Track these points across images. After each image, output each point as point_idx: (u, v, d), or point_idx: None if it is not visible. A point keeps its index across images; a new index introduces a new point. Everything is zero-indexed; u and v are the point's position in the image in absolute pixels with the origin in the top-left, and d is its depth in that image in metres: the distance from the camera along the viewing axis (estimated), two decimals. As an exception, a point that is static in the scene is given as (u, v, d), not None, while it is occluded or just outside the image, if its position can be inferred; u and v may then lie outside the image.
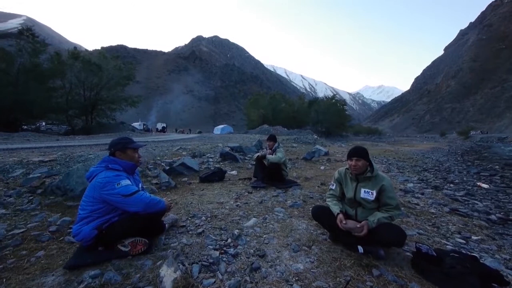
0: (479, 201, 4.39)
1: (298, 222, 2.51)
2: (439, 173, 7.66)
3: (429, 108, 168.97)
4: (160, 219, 2.04)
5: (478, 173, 7.81)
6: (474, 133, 63.92)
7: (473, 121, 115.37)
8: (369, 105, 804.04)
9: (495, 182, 6.45)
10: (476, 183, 6.01)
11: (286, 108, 42.62)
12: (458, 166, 9.62)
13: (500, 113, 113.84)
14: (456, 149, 23.02)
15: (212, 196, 3.42)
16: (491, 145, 32.15)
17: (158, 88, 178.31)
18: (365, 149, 2.04)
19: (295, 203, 3.11)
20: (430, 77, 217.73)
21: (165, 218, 2.21)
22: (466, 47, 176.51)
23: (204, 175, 4.45)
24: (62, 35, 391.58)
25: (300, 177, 5.12)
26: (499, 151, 20.40)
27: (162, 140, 13.73)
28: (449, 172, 8.00)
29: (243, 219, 2.53)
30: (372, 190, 1.98)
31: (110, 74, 26.19)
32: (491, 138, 48.28)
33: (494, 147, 27.63)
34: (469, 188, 5.54)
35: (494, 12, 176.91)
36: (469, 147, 27.24)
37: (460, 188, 5.42)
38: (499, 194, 5.09)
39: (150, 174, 4.40)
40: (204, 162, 6.36)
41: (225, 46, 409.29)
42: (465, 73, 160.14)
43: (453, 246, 2.28)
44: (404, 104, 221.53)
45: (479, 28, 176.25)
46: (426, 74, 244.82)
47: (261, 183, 4.00)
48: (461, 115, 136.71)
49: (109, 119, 27.67)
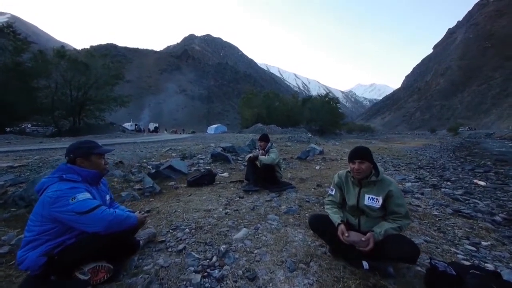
0: (479, 200, 4.25)
1: (293, 232, 2.24)
2: (434, 171, 7.58)
3: (419, 105, 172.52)
4: (131, 237, 1.74)
5: (472, 170, 7.78)
6: (463, 129, 65.63)
7: (461, 118, 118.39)
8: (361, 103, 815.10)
9: (491, 179, 6.39)
10: (473, 180, 5.92)
11: (280, 107, 42.43)
12: (452, 163, 9.62)
13: (486, 109, 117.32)
14: (447, 145, 23.37)
15: (200, 202, 3.12)
16: (479, 141, 32.93)
17: (150, 87, 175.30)
18: (368, 150, 1.78)
19: (290, 209, 2.85)
20: (420, 75, 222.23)
21: (140, 234, 1.90)
22: (454, 46, 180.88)
23: (192, 178, 4.14)
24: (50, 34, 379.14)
25: (295, 178, 4.87)
26: (488, 147, 20.82)
27: (153, 141, 13.26)
28: (444, 169, 7.94)
29: (232, 230, 2.25)
30: (377, 197, 1.73)
31: (98, 73, 25.30)
32: (478, 134, 49.62)
33: (483, 143, 28.28)
34: (466, 186, 5.43)
35: (481, 11, 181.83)
36: (459, 143, 27.75)
37: (458, 186, 5.29)
38: (497, 191, 4.99)
39: (133, 178, 4.06)
40: (194, 164, 6.04)
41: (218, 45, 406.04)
42: (453, 71, 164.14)
43: (464, 255, 2.07)
44: (395, 102, 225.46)
45: (466, 27, 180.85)
46: (416, 72, 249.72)
47: (253, 186, 3.72)
48: (450, 112, 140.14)
49: (98, 119, 26.80)
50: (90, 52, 29.76)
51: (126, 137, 17.40)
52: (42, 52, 22.98)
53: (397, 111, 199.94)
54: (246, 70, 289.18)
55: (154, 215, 2.64)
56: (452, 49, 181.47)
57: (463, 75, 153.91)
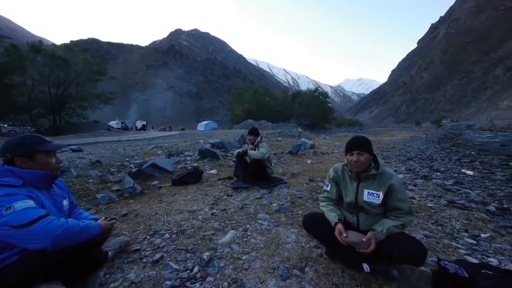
0: (469, 190, 4.25)
1: (286, 232, 2.05)
2: (423, 162, 7.65)
3: (405, 99, 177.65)
4: (95, 249, 1.47)
5: (459, 160, 7.92)
6: (445, 122, 68.31)
7: (444, 111, 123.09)
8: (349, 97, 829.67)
9: (477, 168, 6.50)
10: (461, 170, 5.99)
11: (270, 102, 42.22)
12: (439, 154, 9.80)
13: (467, 102, 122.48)
14: (432, 137, 24.10)
15: (184, 202, 2.87)
16: (461, 132, 34.31)
17: (136, 84, 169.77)
18: (367, 139, 1.60)
19: (281, 207, 2.65)
20: (405, 70, 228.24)
21: (109, 243, 1.64)
22: (437, 41, 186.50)
23: (177, 177, 3.86)
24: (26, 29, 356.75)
25: (286, 173, 4.70)
26: (470, 138, 21.67)
27: (138, 139, 12.71)
28: (433, 160, 8.05)
29: (219, 233, 2.02)
30: (377, 192, 1.55)
31: (78, 69, 24.02)
32: (460, 126, 51.78)
33: (465, 134, 29.45)
34: (455, 176, 5.47)
35: (461, 7, 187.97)
36: (443, 134, 28.73)
37: (448, 177, 5.32)
38: (486, 180, 5.04)
39: (111, 179, 3.72)
40: (181, 161, 5.73)
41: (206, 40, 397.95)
42: (436, 65, 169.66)
43: (466, 250, 1.96)
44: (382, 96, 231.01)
45: (448, 22, 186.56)
46: (401, 66, 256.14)
47: (242, 183, 3.50)
48: (434, 105, 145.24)
49: (80, 118, 25.56)
50: (69, 47, 28.19)
51: (110, 136, 16.64)
52: (15, 46, 21.47)
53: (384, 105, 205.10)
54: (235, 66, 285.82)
55: (131, 219, 2.37)
56: (435, 44, 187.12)
57: (445, 69, 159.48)
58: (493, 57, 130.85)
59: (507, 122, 41.18)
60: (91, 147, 6.91)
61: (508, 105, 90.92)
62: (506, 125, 37.34)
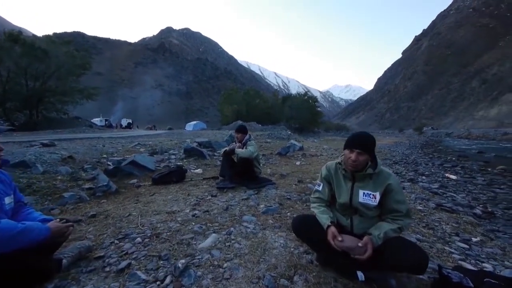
0: (454, 193, 4.30)
1: (273, 236, 1.87)
2: (408, 166, 7.80)
3: (389, 106, 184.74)
4: (46, 256, 1.22)
5: (442, 165, 8.16)
6: (426, 129, 71.62)
7: (425, 119, 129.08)
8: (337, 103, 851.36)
9: (459, 173, 6.69)
10: (445, 174, 6.12)
11: (260, 104, 42.22)
12: (423, 159, 10.09)
13: (446, 111, 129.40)
14: (415, 143, 25.04)
15: (163, 203, 2.62)
16: (441, 139, 36.02)
17: (123, 81, 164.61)
18: (373, 139, 1.46)
19: (269, 208, 2.48)
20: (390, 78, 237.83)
21: (65, 249, 1.38)
22: (420, 52, 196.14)
23: (157, 175, 3.58)
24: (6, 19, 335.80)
25: (274, 174, 4.55)
26: (450, 145, 22.73)
27: (122, 136, 12.12)
28: (417, 164, 8.23)
29: (198, 236, 1.81)
30: (374, 192, 1.42)
31: (60, 61, 22.75)
32: (440, 133, 54.46)
33: (444, 141, 30.93)
34: (440, 180, 5.57)
35: (443, 21, 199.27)
36: (425, 141, 29.96)
37: (433, 180, 5.40)
38: (468, 185, 5.16)
39: (83, 176, 3.39)
40: (165, 159, 5.42)
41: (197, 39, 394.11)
42: (419, 75, 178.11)
43: (459, 254, 1.88)
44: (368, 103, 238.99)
45: (430, 35, 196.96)
46: (387, 75, 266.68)
47: (229, 183, 3.30)
48: (416, 113, 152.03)
49: (59, 113, 24.15)
50: (50, 38, 26.72)
51: (92, 133, 15.80)
52: (-14, 34, 20.02)
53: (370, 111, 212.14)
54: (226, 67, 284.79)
55: (100, 221, 2.10)
56: (418, 55, 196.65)
57: (427, 79, 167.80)
58: (470, 70, 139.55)
59: (482, 131, 43.83)
60: (67, 143, 6.42)
61: (482, 115, 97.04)
62: (481, 134, 39.65)
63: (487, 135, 34.72)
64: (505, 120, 78.01)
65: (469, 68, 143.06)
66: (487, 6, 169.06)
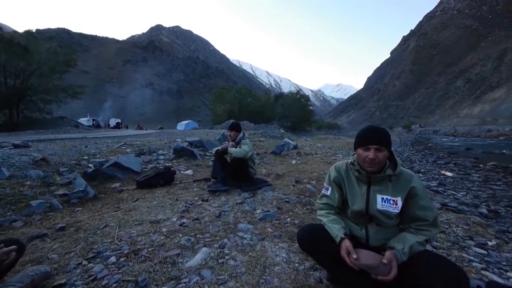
0: (454, 191, 4.21)
1: (274, 248, 1.62)
2: (403, 163, 7.75)
3: (379, 105, 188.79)
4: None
5: (435, 162, 8.19)
6: (414, 127, 73.56)
7: (413, 117, 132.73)
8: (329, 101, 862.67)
9: (454, 170, 6.69)
10: (441, 171, 6.08)
11: (252, 103, 41.95)
12: (416, 156, 10.15)
13: (432, 110, 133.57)
14: (405, 140, 25.50)
15: (147, 210, 2.32)
16: (429, 137, 36.95)
17: (112, 79, 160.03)
18: (388, 132, 1.24)
19: (267, 214, 2.22)
20: (380, 77, 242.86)
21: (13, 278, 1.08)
22: (407, 52, 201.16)
23: (143, 178, 3.26)
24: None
25: (270, 174, 4.30)
26: (439, 142, 23.26)
27: (108, 136, 11.55)
28: (412, 162, 8.23)
29: (186, 252, 1.53)
30: (394, 197, 1.19)
31: (42, 58, 21.69)
32: (427, 131, 56.01)
33: (433, 138, 31.70)
34: (437, 177, 5.50)
35: (429, 22, 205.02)
36: (414, 138, 30.58)
37: (430, 178, 5.32)
38: (465, 182, 5.10)
39: (58, 181, 3.02)
40: (153, 160, 5.08)
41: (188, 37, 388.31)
42: (406, 75, 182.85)
43: (479, 262, 1.69)
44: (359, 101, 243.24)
45: (417, 36, 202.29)
46: (376, 74, 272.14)
47: (221, 185, 3.02)
48: (404, 112, 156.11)
49: (42, 113, 23.00)
50: (31, 34, 25.37)
51: (77, 133, 15.06)
52: (-37, 29, 18.75)
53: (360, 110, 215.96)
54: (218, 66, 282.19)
55: (69, 235, 1.78)
56: (406, 55, 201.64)
57: (414, 79, 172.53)
58: (455, 70, 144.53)
59: (467, 129, 45.39)
60: (45, 144, 5.93)
61: (467, 113, 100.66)
62: (466, 131, 41.02)
63: (472, 132, 35.91)
64: (487, 118, 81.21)
65: (453, 68, 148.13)
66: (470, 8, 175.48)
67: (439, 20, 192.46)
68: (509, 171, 6.25)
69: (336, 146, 12.25)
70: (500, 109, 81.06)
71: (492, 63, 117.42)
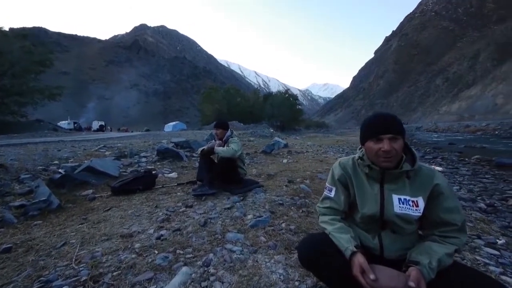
0: (446, 186, 4.15)
1: (268, 262, 1.37)
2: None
3: (365, 103, 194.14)
4: None
5: (423, 157, 8.29)
6: (399, 124, 76.05)
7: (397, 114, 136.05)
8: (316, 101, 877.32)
9: (442, 164, 6.75)
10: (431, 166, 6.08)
11: (241, 103, 41.62)
12: (404, 152, 10.26)
13: (414, 107, 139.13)
14: (391, 137, 26.08)
15: (120, 221, 1.99)
16: (413, 133, 38.27)
17: (94, 81, 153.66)
18: (399, 119, 1.02)
19: (259, 220, 1.97)
20: (365, 76, 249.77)
21: None
22: (390, 52, 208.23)
23: (118, 183, 2.90)
24: None
25: (261, 174, 4.05)
26: (422, 137, 24.02)
27: (88, 139, 10.85)
28: (401, 157, 8.27)
29: (161, 275, 1.24)
30: (414, 198, 0.97)
31: (14, 58, 20.28)
32: (411, 127, 58.16)
33: (416, 134, 32.81)
34: (427, 172, 5.48)
35: (409, 23, 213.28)
36: (399, 135, 31.47)
37: (422, 173, 5.28)
38: (456, 176, 5.11)
39: (16, 190, 2.60)
40: (133, 163, 4.68)
41: (174, 37, 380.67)
42: (390, 74, 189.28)
43: (496, 266, 1.53)
44: (345, 100, 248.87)
45: (399, 36, 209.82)
46: (361, 73, 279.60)
47: (208, 188, 2.73)
48: (388, 109, 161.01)
49: (16, 116, 21.51)
50: (2, 32, 23.68)
51: (54, 137, 14.09)
52: None
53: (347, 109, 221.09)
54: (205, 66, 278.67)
55: (16, 257, 1.43)
56: (388, 54, 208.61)
57: (397, 77, 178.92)
58: (435, 69, 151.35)
59: (447, 125, 47.59)
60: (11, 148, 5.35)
61: (446, 110, 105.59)
62: (446, 127, 42.97)
63: (452, 128, 37.59)
64: (464, 114, 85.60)
65: (433, 67, 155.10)
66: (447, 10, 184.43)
67: (419, 21, 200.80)
68: (493, 164, 6.39)
69: (326, 144, 12.24)
70: (475, 106, 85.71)
71: (468, 62, 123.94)
